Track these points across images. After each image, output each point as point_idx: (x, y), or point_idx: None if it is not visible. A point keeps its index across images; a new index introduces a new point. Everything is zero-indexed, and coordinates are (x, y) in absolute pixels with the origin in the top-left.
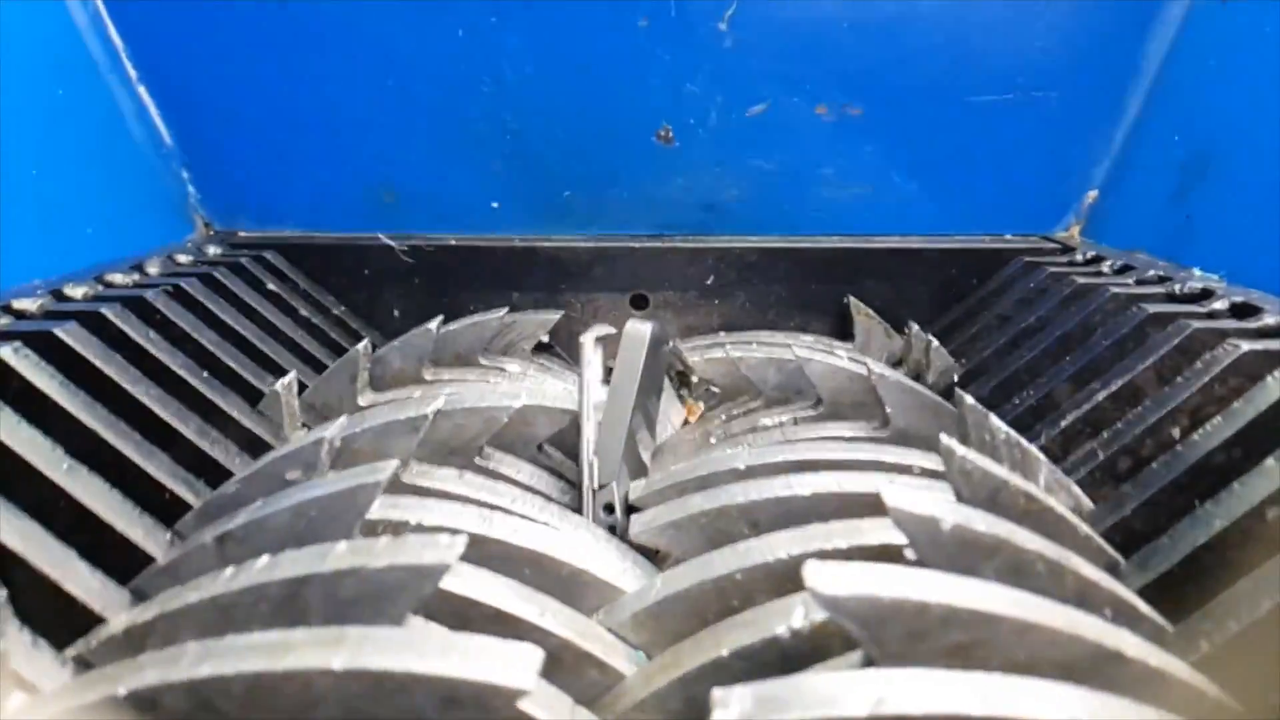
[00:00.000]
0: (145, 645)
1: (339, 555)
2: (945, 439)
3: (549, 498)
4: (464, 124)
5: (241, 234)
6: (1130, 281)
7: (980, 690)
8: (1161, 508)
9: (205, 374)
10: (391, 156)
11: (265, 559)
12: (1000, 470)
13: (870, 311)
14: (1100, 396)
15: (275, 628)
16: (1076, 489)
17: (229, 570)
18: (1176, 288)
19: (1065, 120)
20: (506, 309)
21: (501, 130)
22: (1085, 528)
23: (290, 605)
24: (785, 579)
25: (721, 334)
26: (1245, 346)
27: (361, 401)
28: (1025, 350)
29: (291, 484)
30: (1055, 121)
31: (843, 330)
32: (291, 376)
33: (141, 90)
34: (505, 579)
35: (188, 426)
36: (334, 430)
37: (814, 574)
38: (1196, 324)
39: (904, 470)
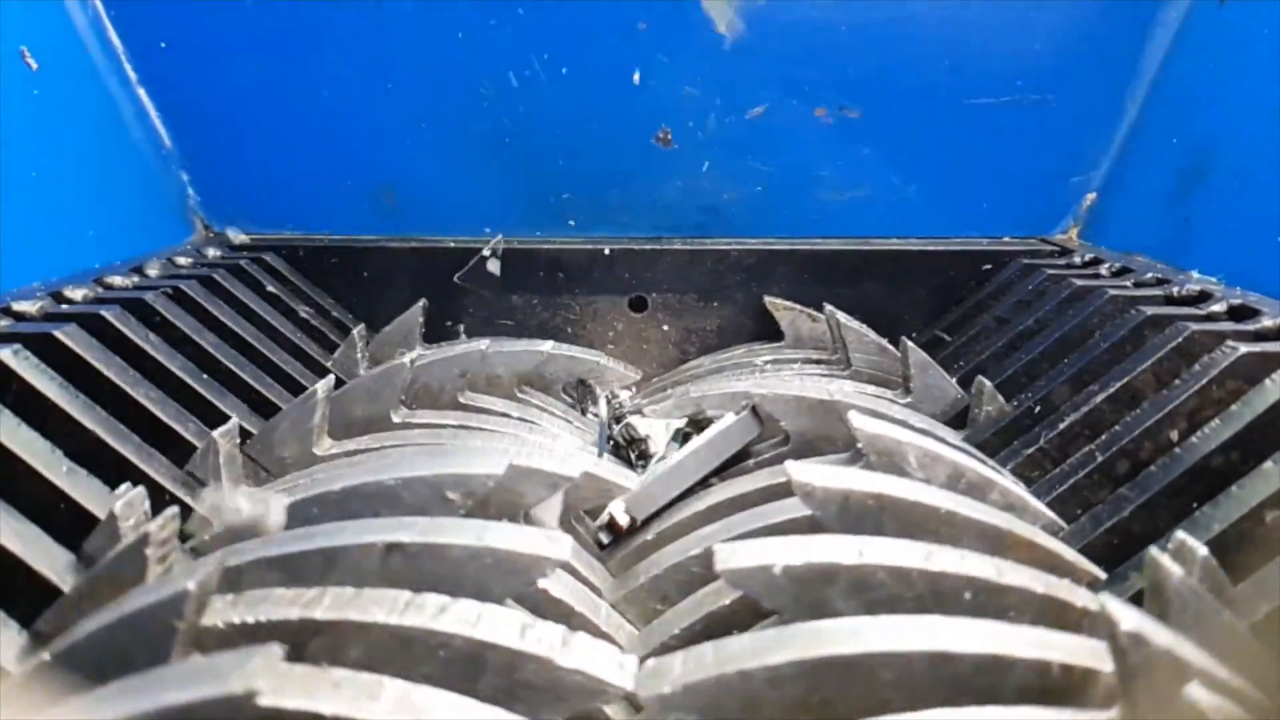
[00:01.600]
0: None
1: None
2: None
3: None
4: (463, 126)
5: (241, 236)
6: (1128, 284)
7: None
8: (1160, 510)
9: (205, 376)
10: (391, 159)
11: None
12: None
13: (790, 304)
14: (1098, 399)
15: None
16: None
17: None
18: (1175, 290)
19: (1063, 123)
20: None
21: (501, 132)
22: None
23: None
24: None
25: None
26: (1243, 349)
27: (318, 451)
28: (1023, 352)
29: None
30: (1053, 124)
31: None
32: (232, 425)
33: (141, 92)
34: None
35: (187, 429)
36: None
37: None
38: (1195, 326)
39: None
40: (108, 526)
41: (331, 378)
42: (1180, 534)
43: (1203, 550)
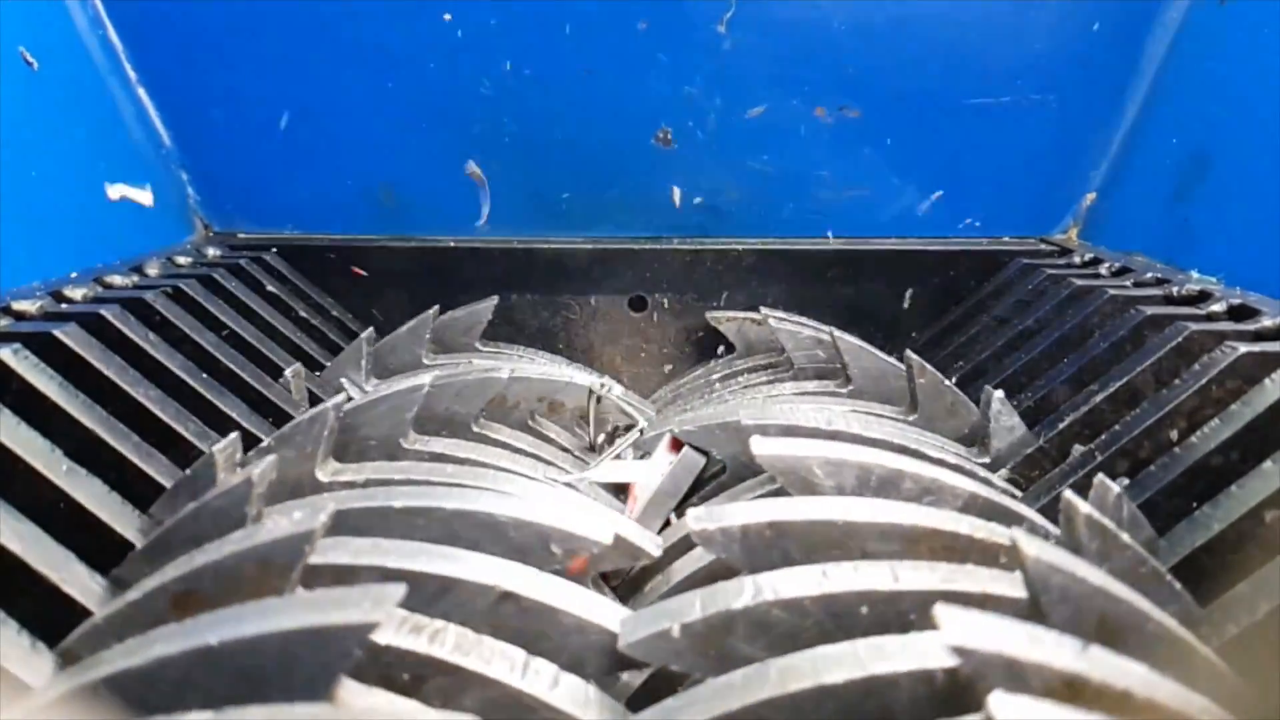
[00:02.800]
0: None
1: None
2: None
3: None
4: (463, 126)
5: (241, 235)
6: (1128, 284)
7: None
8: (1159, 510)
9: (204, 375)
10: (390, 158)
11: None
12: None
13: (732, 314)
14: (1098, 399)
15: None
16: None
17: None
18: (1174, 290)
19: (1063, 122)
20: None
21: (501, 132)
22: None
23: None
24: None
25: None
26: (1243, 348)
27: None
28: (1023, 352)
29: None
30: (1053, 124)
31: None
32: (232, 439)
33: (141, 91)
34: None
35: (187, 428)
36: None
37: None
38: (1194, 326)
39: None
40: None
41: (341, 398)
42: (1101, 477)
43: (1116, 489)
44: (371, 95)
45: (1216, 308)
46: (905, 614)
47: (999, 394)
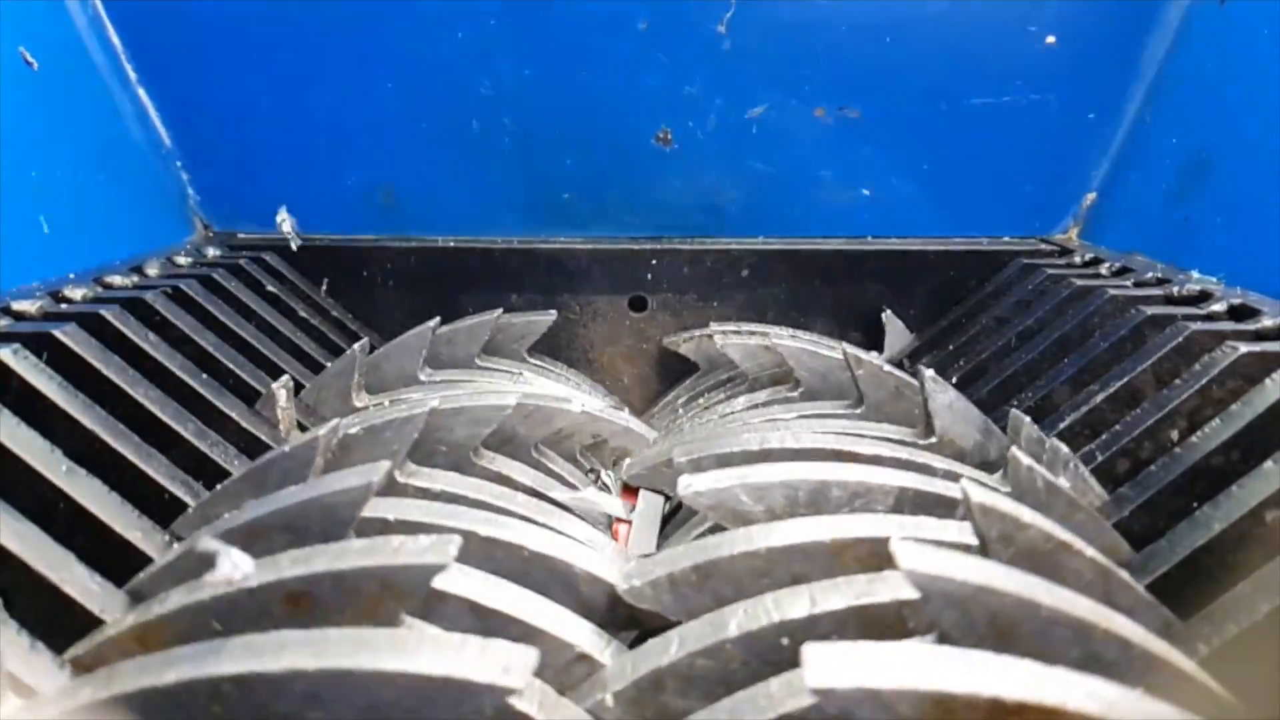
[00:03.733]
0: (145, 648)
1: (338, 554)
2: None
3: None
4: (463, 126)
5: (241, 235)
6: (1128, 283)
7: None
8: (1159, 510)
9: (204, 376)
10: (390, 158)
11: (260, 562)
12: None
13: (687, 334)
14: (1098, 399)
15: (273, 628)
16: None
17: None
18: (1175, 290)
19: (1063, 122)
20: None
21: (500, 132)
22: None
23: (292, 604)
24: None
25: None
26: (1243, 348)
27: (357, 403)
28: (1023, 352)
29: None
30: (1053, 123)
31: (841, 333)
32: (286, 379)
33: (141, 92)
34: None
35: (186, 428)
36: (327, 430)
37: (904, 552)
38: (1195, 326)
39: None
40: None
41: (364, 341)
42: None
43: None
44: (371, 95)
45: (1217, 308)
46: (826, 637)
47: (929, 372)
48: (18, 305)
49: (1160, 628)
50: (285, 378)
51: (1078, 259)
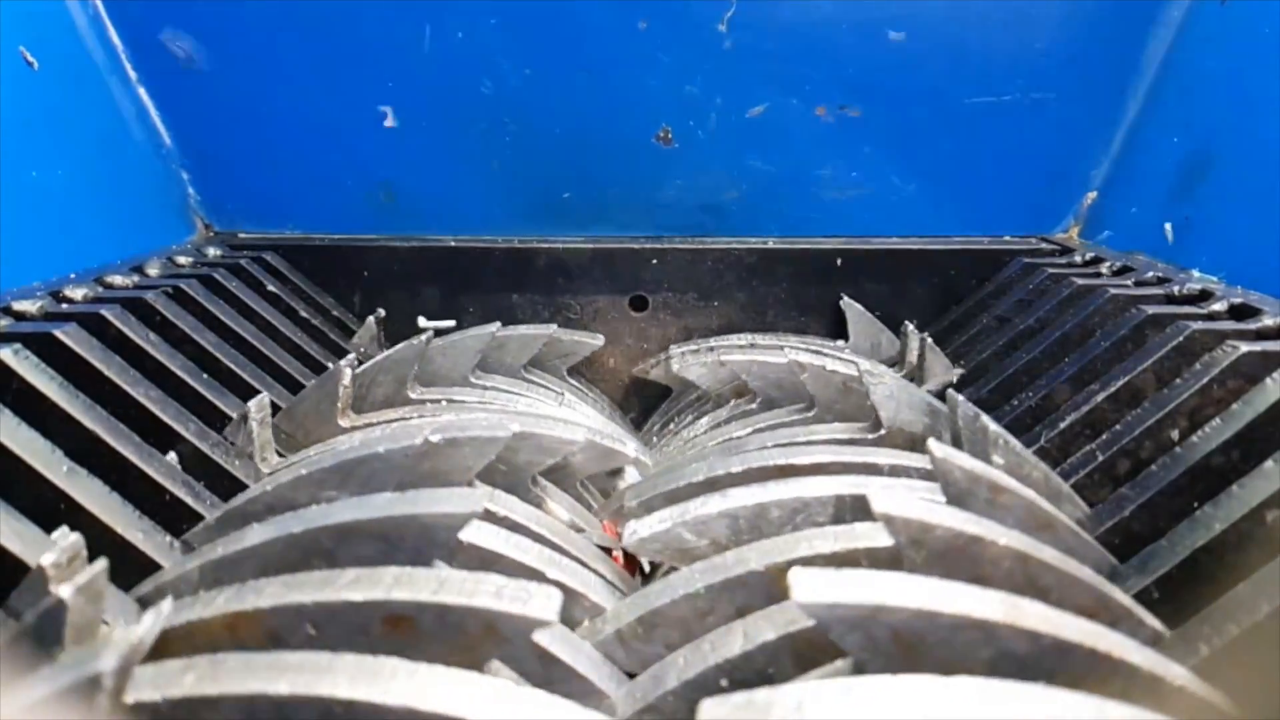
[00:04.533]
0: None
1: (443, 585)
2: (933, 441)
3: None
4: (464, 125)
5: (241, 235)
6: (1129, 283)
7: (962, 696)
8: (1160, 510)
9: (205, 376)
10: (391, 158)
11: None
12: (994, 474)
13: (650, 362)
14: (1099, 398)
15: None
16: (1071, 492)
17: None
18: (1175, 289)
19: (1064, 121)
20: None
21: (501, 131)
22: (1083, 534)
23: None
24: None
25: (713, 339)
26: (1244, 348)
27: (343, 423)
28: (1024, 352)
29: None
30: (1054, 122)
31: (840, 332)
32: (263, 398)
33: (141, 91)
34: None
35: (188, 429)
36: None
37: (798, 581)
38: (1195, 325)
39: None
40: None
41: (351, 357)
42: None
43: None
44: (372, 94)
45: (1218, 307)
46: (764, 672)
47: (866, 363)
48: (18, 305)
49: (1097, 600)
50: (261, 396)
51: (1078, 258)
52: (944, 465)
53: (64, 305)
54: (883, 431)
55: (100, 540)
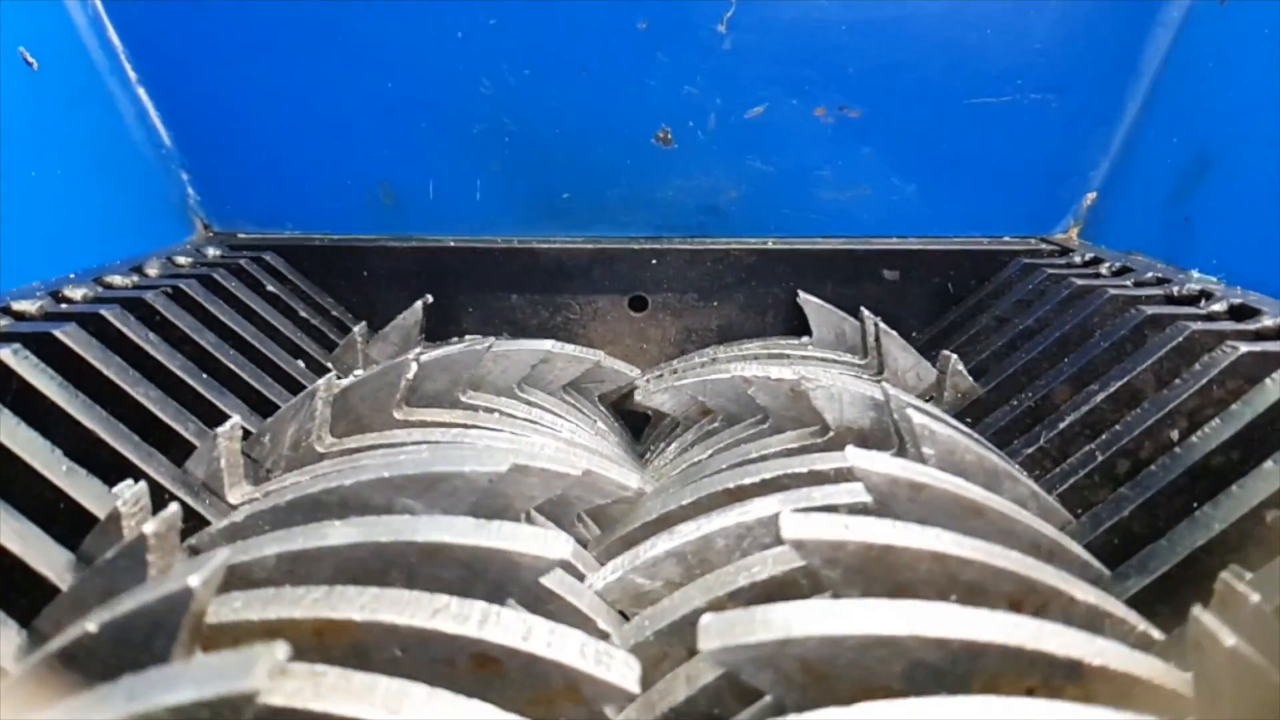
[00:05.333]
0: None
1: (531, 633)
2: (850, 449)
3: None
4: (463, 125)
5: (241, 235)
6: (1129, 283)
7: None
8: (1160, 510)
9: (204, 375)
10: (390, 158)
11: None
12: (914, 472)
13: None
14: (1099, 398)
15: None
16: (1017, 469)
17: None
18: (1175, 289)
19: (1064, 122)
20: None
21: (501, 132)
22: (1020, 513)
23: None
24: None
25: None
26: (1244, 348)
27: (232, 499)
28: (1023, 352)
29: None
30: (1053, 123)
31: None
32: (234, 423)
33: (141, 92)
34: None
35: (187, 428)
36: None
37: (705, 628)
38: (1195, 326)
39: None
40: (109, 525)
41: (331, 375)
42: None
43: (918, 419)
44: (371, 95)
45: (1217, 307)
46: (710, 714)
47: (803, 369)
48: (18, 305)
49: (1023, 586)
50: (232, 421)
51: (1078, 258)
52: (862, 471)
53: (63, 305)
54: (831, 434)
55: None
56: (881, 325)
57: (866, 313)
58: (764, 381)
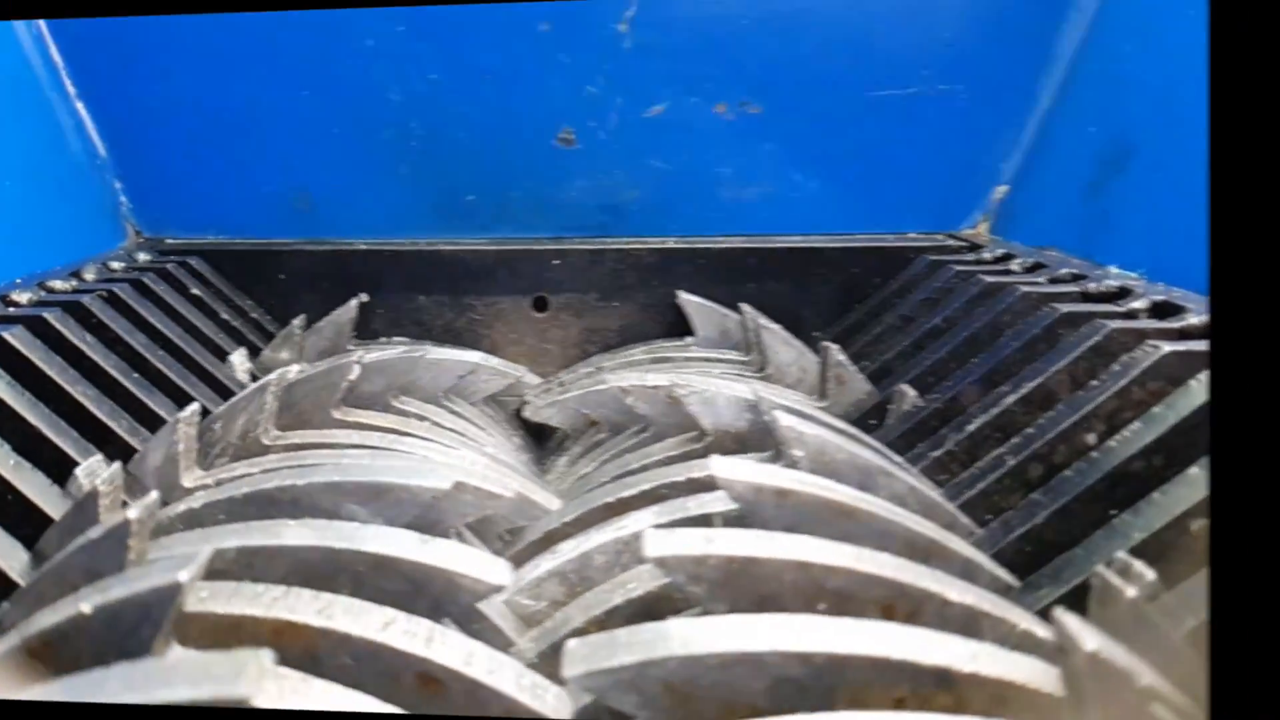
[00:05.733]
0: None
1: (473, 657)
2: (714, 458)
3: None
4: (373, 131)
5: (169, 241)
6: (1042, 280)
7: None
8: (1076, 517)
9: (136, 375)
10: (307, 165)
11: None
12: (778, 479)
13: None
14: (1009, 400)
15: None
16: (899, 463)
17: None
18: (1091, 286)
19: (972, 113)
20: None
21: (408, 136)
22: (898, 512)
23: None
24: None
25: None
26: (1166, 348)
27: (186, 482)
28: (930, 352)
29: None
30: (962, 114)
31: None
32: (193, 409)
33: (79, 106)
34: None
35: (120, 425)
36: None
37: (569, 654)
38: (1113, 324)
39: None
40: (87, 503)
41: (288, 369)
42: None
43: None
44: (289, 105)
45: (1138, 305)
46: None
47: (679, 378)
48: None
49: (893, 590)
50: (192, 407)
51: (987, 254)
52: (725, 481)
53: (10, 309)
54: (709, 439)
55: (42, 529)
56: (762, 320)
57: (746, 308)
58: (641, 390)
